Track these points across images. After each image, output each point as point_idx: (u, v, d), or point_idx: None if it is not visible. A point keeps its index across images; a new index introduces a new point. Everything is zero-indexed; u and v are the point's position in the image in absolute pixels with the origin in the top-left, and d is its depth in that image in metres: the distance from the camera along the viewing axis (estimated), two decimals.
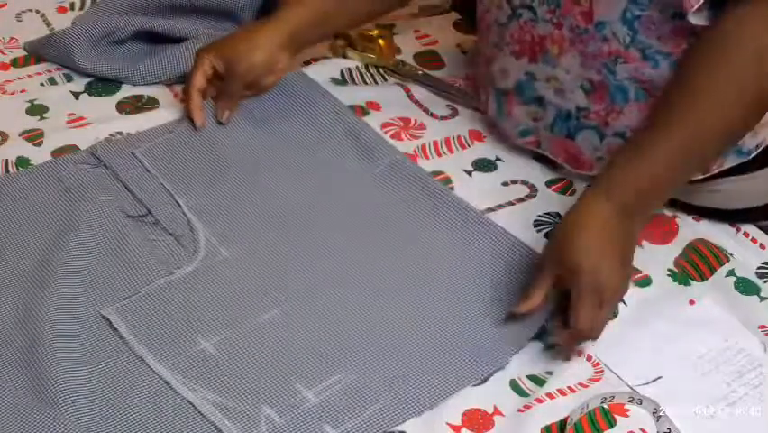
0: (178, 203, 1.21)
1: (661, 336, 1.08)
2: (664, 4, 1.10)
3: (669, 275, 1.16)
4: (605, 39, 1.15)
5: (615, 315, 1.09)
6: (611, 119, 1.19)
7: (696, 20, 1.07)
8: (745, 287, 1.15)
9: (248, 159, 1.28)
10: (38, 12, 1.56)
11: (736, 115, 1.07)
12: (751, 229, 1.22)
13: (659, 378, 1.03)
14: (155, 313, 1.08)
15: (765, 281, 1.16)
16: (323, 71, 1.45)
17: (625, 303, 1.10)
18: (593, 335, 1.04)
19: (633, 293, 1.10)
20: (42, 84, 1.42)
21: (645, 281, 1.15)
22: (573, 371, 1.05)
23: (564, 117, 1.24)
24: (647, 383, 1.03)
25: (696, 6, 1.06)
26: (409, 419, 1.00)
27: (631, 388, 1.03)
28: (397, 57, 1.50)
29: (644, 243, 1.19)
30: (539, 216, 1.24)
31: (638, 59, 1.14)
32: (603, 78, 1.17)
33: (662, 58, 1.13)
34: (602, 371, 1.05)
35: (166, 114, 1.36)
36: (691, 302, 1.12)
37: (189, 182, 1.24)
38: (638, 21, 1.12)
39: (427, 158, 1.32)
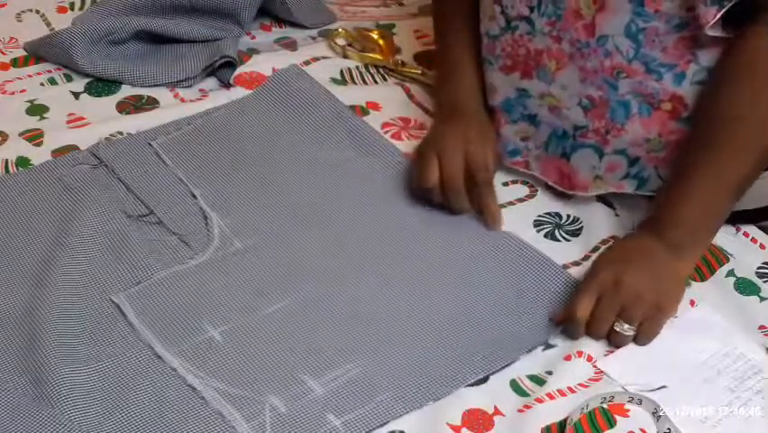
0: (193, 195, 1.22)
1: (661, 343, 1.07)
2: (670, 15, 1.09)
3: None
4: (607, 53, 1.13)
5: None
6: (611, 136, 1.18)
7: (713, 32, 1.07)
8: (745, 287, 1.15)
9: (263, 154, 1.29)
10: (38, 12, 1.56)
11: None
12: (751, 229, 1.22)
13: (662, 387, 1.03)
14: (164, 300, 1.09)
15: (765, 281, 1.16)
16: (323, 71, 1.45)
17: None
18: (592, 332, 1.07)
19: None
20: (42, 84, 1.42)
21: None
22: (573, 371, 1.05)
23: (560, 136, 1.22)
24: (650, 391, 1.02)
25: (712, 22, 1.05)
26: (412, 411, 1.00)
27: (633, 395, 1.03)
28: (397, 57, 1.50)
29: None
30: (539, 216, 1.24)
31: (642, 73, 1.13)
32: (604, 93, 1.16)
33: (665, 70, 1.12)
34: (602, 371, 1.05)
35: (166, 114, 1.36)
36: (692, 303, 1.12)
37: (206, 174, 1.25)
38: (642, 33, 1.11)
39: None
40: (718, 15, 1.05)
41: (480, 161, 1.21)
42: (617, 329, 1.06)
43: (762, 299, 1.14)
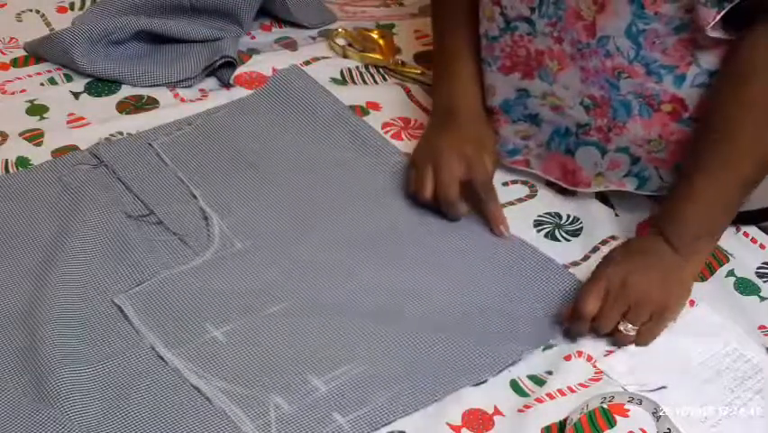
0: (194, 195, 1.22)
1: (661, 343, 1.07)
2: (670, 17, 1.09)
3: None
4: (608, 54, 1.13)
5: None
6: (613, 135, 1.18)
7: (715, 33, 1.07)
8: (745, 287, 1.15)
9: (263, 154, 1.30)
10: (38, 12, 1.56)
11: None
12: (751, 229, 1.22)
13: (662, 387, 1.03)
14: (165, 301, 1.09)
15: (765, 281, 1.16)
16: (323, 71, 1.45)
17: None
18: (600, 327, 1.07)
19: None
20: (42, 84, 1.42)
21: None
22: (573, 371, 1.05)
23: (563, 134, 1.22)
24: (650, 391, 1.02)
25: (712, 23, 1.05)
26: (419, 409, 1.00)
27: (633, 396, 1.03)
28: (397, 57, 1.50)
29: None
30: (539, 216, 1.24)
31: (642, 74, 1.13)
32: (606, 93, 1.15)
33: (665, 72, 1.12)
34: (602, 371, 1.05)
35: (166, 114, 1.36)
36: (691, 303, 1.12)
37: (206, 175, 1.26)
38: (643, 35, 1.10)
39: None
40: (719, 17, 1.05)
41: (478, 166, 1.20)
42: (621, 329, 1.06)
43: (762, 299, 1.14)
